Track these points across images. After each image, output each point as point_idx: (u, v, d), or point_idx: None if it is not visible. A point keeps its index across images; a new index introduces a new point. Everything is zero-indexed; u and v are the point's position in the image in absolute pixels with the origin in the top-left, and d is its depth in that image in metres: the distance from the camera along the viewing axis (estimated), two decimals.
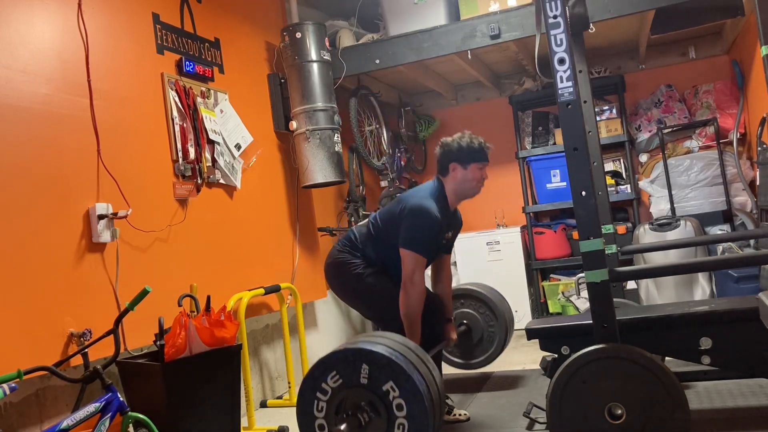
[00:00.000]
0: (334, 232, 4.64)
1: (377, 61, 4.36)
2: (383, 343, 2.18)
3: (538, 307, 5.41)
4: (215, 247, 3.44)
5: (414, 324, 2.82)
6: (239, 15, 3.98)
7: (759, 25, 2.09)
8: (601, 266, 2.31)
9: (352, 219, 5.05)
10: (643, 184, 5.22)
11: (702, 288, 4.60)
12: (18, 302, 2.37)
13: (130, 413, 2.16)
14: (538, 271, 5.48)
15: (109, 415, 2.10)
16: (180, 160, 3.25)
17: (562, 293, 5.19)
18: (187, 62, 3.38)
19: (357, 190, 5.19)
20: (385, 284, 2.99)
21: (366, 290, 3.04)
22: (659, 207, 5.05)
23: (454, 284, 3.55)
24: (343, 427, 2.00)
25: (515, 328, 5.13)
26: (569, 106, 2.35)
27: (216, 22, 3.73)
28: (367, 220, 3.23)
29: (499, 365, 4.09)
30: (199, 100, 3.44)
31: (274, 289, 3.62)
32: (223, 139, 3.56)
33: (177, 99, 3.30)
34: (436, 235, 2.93)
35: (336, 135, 4.11)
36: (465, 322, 3.59)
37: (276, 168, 4.12)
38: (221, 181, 3.54)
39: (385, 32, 4.54)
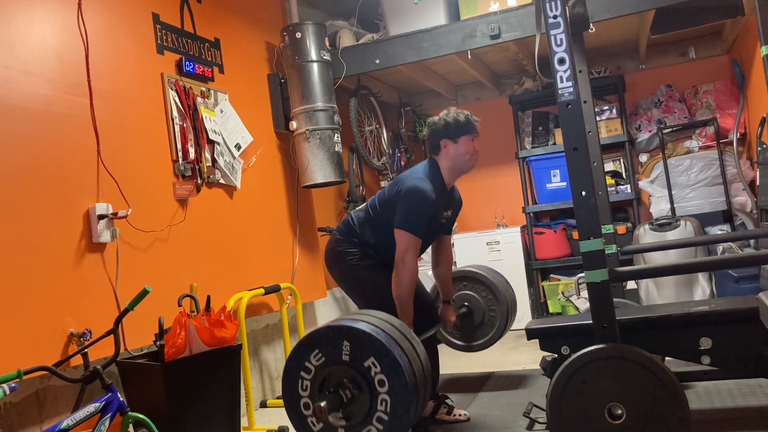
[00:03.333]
0: (334, 232, 4.63)
1: (377, 61, 4.36)
2: (365, 320, 2.18)
3: (538, 307, 5.41)
4: (215, 247, 3.44)
5: (405, 305, 2.80)
6: (239, 15, 3.98)
7: (759, 25, 2.09)
8: (601, 266, 2.31)
9: None
10: (643, 184, 5.22)
11: (702, 288, 4.60)
12: (18, 302, 2.37)
13: (130, 413, 2.16)
14: (538, 271, 5.48)
15: (109, 415, 2.10)
16: (180, 160, 3.25)
17: (562, 293, 5.19)
18: (187, 62, 3.38)
19: (357, 190, 5.19)
20: (379, 277, 2.97)
21: (360, 282, 3.04)
22: (659, 207, 5.05)
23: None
24: (323, 403, 2.00)
25: (515, 328, 5.16)
26: (569, 106, 2.35)
27: (216, 22, 3.73)
28: (365, 204, 3.22)
29: (499, 365, 4.09)
30: (199, 100, 3.44)
31: (274, 289, 3.62)
32: (223, 139, 3.56)
33: (177, 99, 3.30)
34: (433, 215, 2.90)
35: (336, 135, 4.11)
36: (466, 304, 3.58)
37: (276, 168, 4.12)
38: (221, 181, 3.54)
39: (385, 32, 4.54)
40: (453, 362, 4.32)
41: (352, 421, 2.06)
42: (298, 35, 4.05)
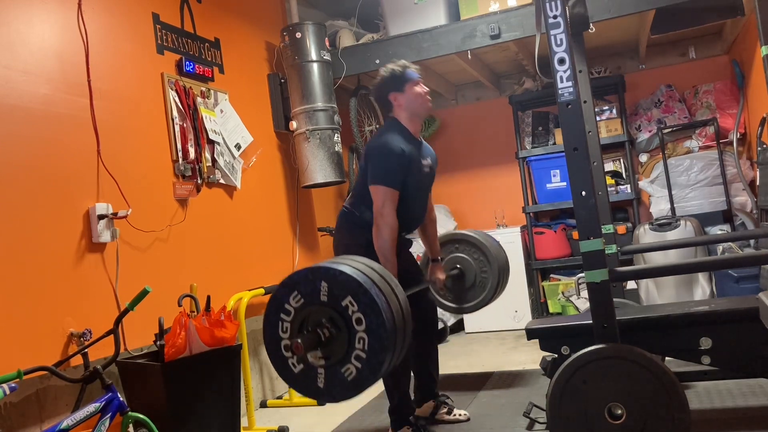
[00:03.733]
0: (333, 232, 4.63)
1: (377, 61, 4.36)
2: (343, 262, 2.20)
3: (538, 307, 5.41)
4: (215, 247, 3.44)
5: (388, 256, 2.76)
6: (239, 15, 3.98)
7: (759, 25, 2.09)
8: (601, 266, 2.31)
9: None
10: (643, 184, 5.22)
11: (702, 288, 4.60)
12: (18, 302, 2.37)
13: (130, 413, 2.15)
14: (538, 271, 5.48)
15: (109, 415, 2.10)
16: (180, 160, 3.25)
17: (562, 293, 5.19)
18: (187, 62, 3.39)
19: None
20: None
21: None
22: (659, 207, 5.05)
23: None
24: (299, 339, 2.01)
25: (515, 328, 5.17)
26: (569, 106, 2.35)
27: (216, 22, 3.73)
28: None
29: (499, 365, 4.09)
30: (199, 100, 3.44)
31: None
32: (223, 139, 3.56)
33: (177, 99, 3.30)
34: (407, 164, 2.85)
35: (336, 135, 4.11)
36: (458, 266, 3.58)
37: (276, 168, 4.12)
38: (221, 181, 3.54)
39: (385, 32, 4.54)
40: (453, 362, 4.32)
41: (331, 360, 2.08)
42: (298, 35, 4.05)
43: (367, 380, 2.04)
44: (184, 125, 3.31)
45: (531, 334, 2.84)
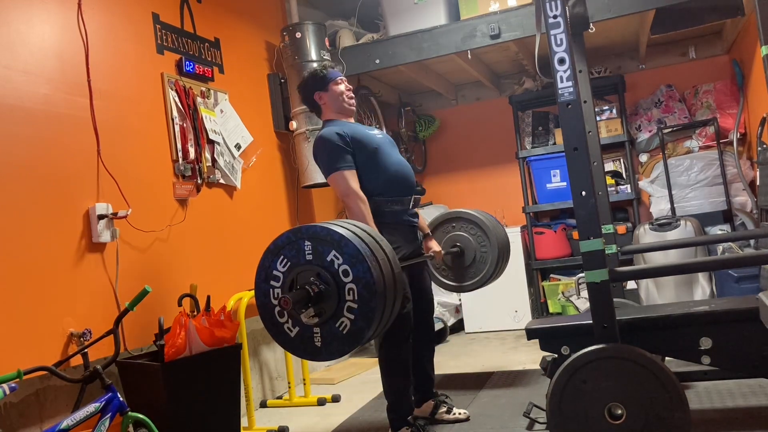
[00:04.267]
0: None
1: (377, 61, 4.36)
2: (325, 222, 2.23)
3: (538, 307, 5.42)
4: (215, 247, 3.44)
5: (364, 219, 2.73)
6: (239, 15, 3.98)
7: (759, 25, 2.09)
8: (601, 266, 2.31)
9: None
10: (643, 184, 5.22)
11: (702, 288, 4.60)
12: (18, 302, 2.37)
13: (130, 413, 2.15)
14: (538, 271, 5.48)
15: (109, 415, 2.09)
16: (180, 160, 3.25)
17: (562, 293, 5.19)
18: (187, 62, 3.39)
19: None
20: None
21: None
22: (659, 207, 5.05)
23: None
24: (288, 295, 2.03)
25: (515, 328, 5.17)
26: (569, 106, 2.35)
27: (216, 22, 3.73)
28: None
29: (499, 365, 4.09)
30: (199, 100, 3.44)
31: None
32: (223, 139, 3.56)
33: (177, 99, 3.30)
34: (346, 143, 2.81)
35: None
36: (457, 244, 3.58)
37: (276, 168, 4.12)
38: (221, 181, 3.54)
39: (385, 32, 4.54)
40: (453, 362, 4.32)
41: (324, 317, 2.09)
42: (298, 35, 4.05)
43: (362, 330, 2.06)
44: (184, 125, 3.31)
45: (531, 334, 2.83)
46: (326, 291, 2.09)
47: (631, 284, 4.84)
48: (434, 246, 3.19)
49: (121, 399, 2.14)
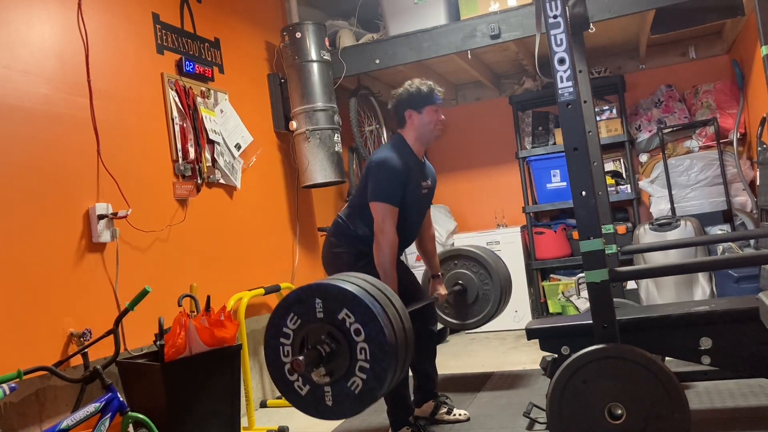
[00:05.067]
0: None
1: (377, 61, 4.36)
2: (336, 278, 2.21)
3: (538, 307, 5.41)
4: (215, 247, 3.44)
5: (388, 272, 2.77)
6: (239, 15, 3.98)
7: (759, 25, 2.09)
8: (601, 266, 2.31)
9: None
10: (643, 184, 5.22)
11: (702, 288, 4.60)
12: (18, 302, 2.37)
13: (130, 413, 2.15)
14: (538, 271, 5.48)
15: (109, 415, 2.10)
16: (180, 160, 3.25)
17: (562, 293, 5.19)
18: (187, 62, 3.39)
19: None
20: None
21: None
22: (659, 207, 5.05)
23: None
24: (300, 357, 2.01)
25: (515, 328, 5.16)
26: (569, 106, 2.35)
27: (216, 22, 3.73)
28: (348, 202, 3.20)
29: (499, 365, 4.09)
30: (199, 100, 3.44)
31: (274, 289, 3.62)
32: (223, 139, 3.56)
33: (177, 99, 3.30)
34: (406, 182, 2.85)
35: (336, 135, 4.11)
36: (460, 282, 3.57)
37: (276, 168, 4.12)
38: (221, 181, 3.54)
39: (385, 32, 4.54)
40: (453, 362, 4.32)
41: (336, 376, 2.07)
42: (298, 35, 4.05)
43: (374, 390, 2.03)
44: (184, 125, 3.31)
45: (531, 334, 2.84)
46: (338, 350, 2.06)
47: (631, 284, 4.84)
48: (441, 290, 3.20)
49: (121, 399, 2.14)
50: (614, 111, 5.29)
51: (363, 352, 2.05)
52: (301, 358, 2.00)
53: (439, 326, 4.88)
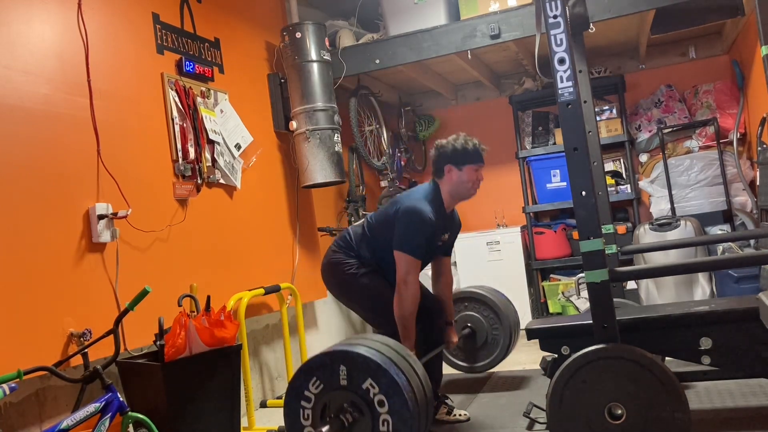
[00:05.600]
0: (334, 232, 4.64)
1: (377, 61, 4.36)
2: (360, 344, 2.19)
3: (538, 307, 5.41)
4: (215, 247, 3.44)
5: (408, 327, 2.81)
6: (239, 15, 3.98)
7: (759, 25, 2.09)
8: (601, 266, 2.31)
9: (352, 219, 5.05)
10: (643, 184, 5.22)
11: (702, 288, 4.60)
12: (18, 302, 2.37)
13: (130, 413, 2.16)
14: (538, 271, 5.48)
15: (109, 415, 2.10)
16: (180, 160, 3.25)
17: (562, 293, 5.19)
18: (187, 62, 3.38)
19: (357, 190, 5.19)
20: (379, 284, 2.98)
21: (361, 291, 3.03)
22: (659, 207, 5.05)
23: (454, 285, 3.54)
24: (325, 429, 2.01)
25: None
26: (569, 106, 2.35)
27: (216, 22, 3.73)
28: (363, 219, 3.22)
29: (500, 365, 4.09)
30: (199, 100, 3.44)
31: (274, 289, 3.62)
32: (223, 139, 3.56)
33: (177, 99, 3.30)
34: (431, 236, 2.92)
35: (336, 135, 4.11)
36: (469, 325, 3.57)
37: (276, 168, 4.12)
38: (221, 181, 3.54)
39: (385, 32, 4.53)
40: None
41: None
42: (298, 35, 4.05)
43: None
44: (184, 125, 3.31)
45: (531, 334, 2.84)
46: (360, 420, 2.06)
47: (631, 284, 4.84)
48: (453, 337, 3.22)
49: (121, 399, 2.14)
50: (614, 111, 5.29)
51: (386, 424, 2.05)
52: (325, 429, 2.00)
53: None
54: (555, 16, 2.34)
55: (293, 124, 4.08)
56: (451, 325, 3.25)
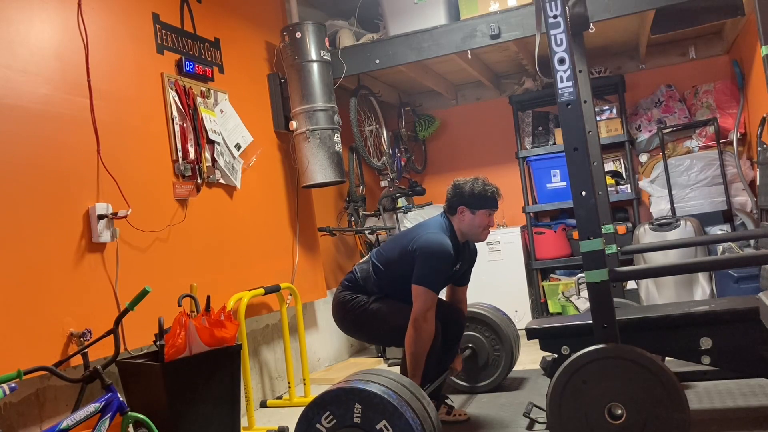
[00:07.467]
0: (334, 232, 4.64)
1: (377, 61, 4.36)
2: (376, 381, 2.19)
3: (538, 307, 5.41)
4: (215, 247, 3.44)
5: (420, 364, 2.78)
6: (239, 15, 3.98)
7: (759, 25, 2.09)
8: (601, 266, 2.31)
9: (352, 219, 5.05)
10: (643, 184, 5.22)
11: (702, 288, 4.60)
12: (18, 302, 2.37)
13: (130, 413, 2.15)
14: (538, 271, 5.48)
15: (109, 415, 2.09)
16: (180, 160, 3.25)
17: (562, 293, 5.19)
18: (187, 62, 3.38)
19: (357, 190, 5.19)
20: (391, 303, 2.97)
21: (374, 316, 2.99)
22: (659, 207, 5.05)
23: None
24: None
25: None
26: (569, 106, 2.36)
27: (216, 22, 3.73)
28: (368, 256, 3.21)
29: None
30: (199, 100, 3.44)
31: (274, 289, 3.62)
32: (223, 139, 3.56)
33: (177, 99, 3.30)
34: (449, 269, 2.94)
35: (336, 135, 4.11)
36: (470, 345, 3.58)
37: (276, 168, 4.12)
38: (221, 181, 3.54)
39: (385, 32, 4.54)
40: None
41: None
42: (298, 35, 4.05)
43: None
44: (184, 125, 3.31)
45: (531, 334, 2.84)
46: None
47: (631, 284, 4.84)
48: (458, 363, 3.24)
49: (121, 399, 2.13)
50: (614, 111, 5.29)
51: None
52: None
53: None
54: (555, 16, 2.34)
55: (293, 124, 4.08)
56: (458, 353, 3.25)
